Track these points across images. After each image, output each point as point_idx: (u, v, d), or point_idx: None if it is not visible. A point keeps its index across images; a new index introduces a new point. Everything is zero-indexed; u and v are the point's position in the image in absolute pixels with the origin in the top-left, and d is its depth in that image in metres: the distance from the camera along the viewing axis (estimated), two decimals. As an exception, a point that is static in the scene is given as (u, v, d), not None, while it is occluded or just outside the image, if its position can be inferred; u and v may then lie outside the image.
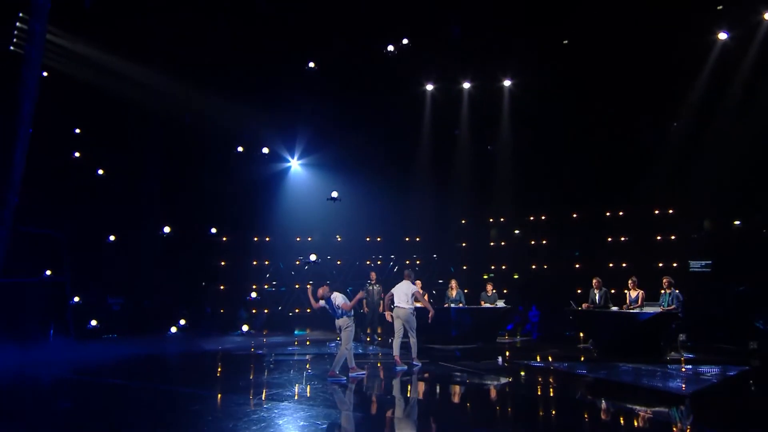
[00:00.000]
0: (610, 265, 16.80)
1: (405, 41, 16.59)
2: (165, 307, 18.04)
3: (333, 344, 13.40)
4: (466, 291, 15.81)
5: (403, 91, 19.14)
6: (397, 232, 21.18)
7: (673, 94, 15.82)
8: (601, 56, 15.31)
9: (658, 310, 11.22)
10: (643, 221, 16.87)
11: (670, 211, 16.56)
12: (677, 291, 11.58)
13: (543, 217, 19.26)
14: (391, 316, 10.37)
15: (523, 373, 10.27)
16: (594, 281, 12.88)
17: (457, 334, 13.61)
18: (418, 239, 21.42)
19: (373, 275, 15.40)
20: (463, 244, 20.89)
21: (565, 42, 15.86)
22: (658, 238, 16.55)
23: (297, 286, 20.72)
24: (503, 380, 9.72)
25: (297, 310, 20.61)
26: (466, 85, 18.86)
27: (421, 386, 9.19)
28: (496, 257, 19.83)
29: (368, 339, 14.88)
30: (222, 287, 20.09)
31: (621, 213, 17.43)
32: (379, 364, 11.27)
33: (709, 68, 14.92)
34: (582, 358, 11.71)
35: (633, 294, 12.07)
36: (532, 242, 19.16)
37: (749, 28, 14.23)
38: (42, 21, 11.86)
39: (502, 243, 20.06)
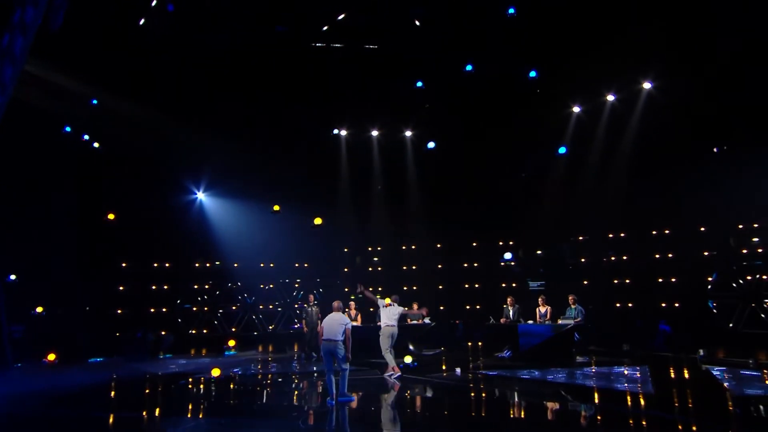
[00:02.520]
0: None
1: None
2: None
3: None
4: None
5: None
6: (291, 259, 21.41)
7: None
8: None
9: (571, 322, 12.31)
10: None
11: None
12: (580, 306, 12.78)
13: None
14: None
15: (482, 381, 10.55)
16: (508, 299, 14.04)
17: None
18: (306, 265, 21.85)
19: (311, 297, 15.41)
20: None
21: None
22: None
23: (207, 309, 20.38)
24: (473, 387, 10.03)
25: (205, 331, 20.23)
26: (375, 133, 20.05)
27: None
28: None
29: (313, 357, 14.39)
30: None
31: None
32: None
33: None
34: (517, 364, 11.91)
35: (542, 309, 13.29)
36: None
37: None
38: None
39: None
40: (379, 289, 20.25)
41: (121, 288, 19.29)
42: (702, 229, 18.36)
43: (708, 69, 14.66)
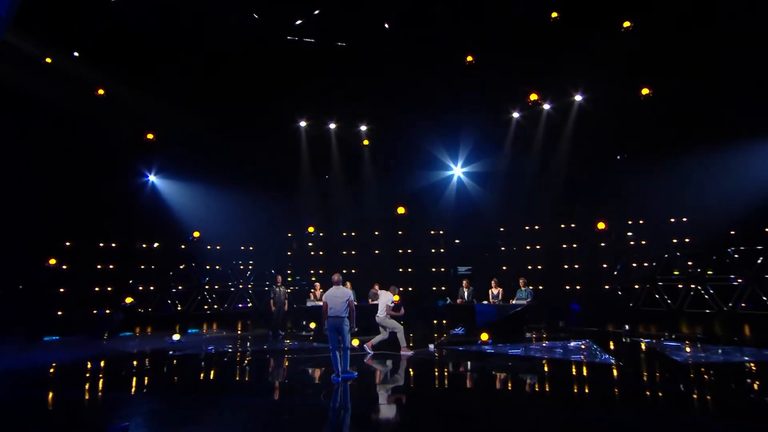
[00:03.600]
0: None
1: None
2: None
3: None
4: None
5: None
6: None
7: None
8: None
9: (524, 302, 13.07)
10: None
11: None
12: (530, 288, 13.65)
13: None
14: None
15: (459, 355, 10.66)
16: (464, 282, 14.53)
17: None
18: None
19: (279, 278, 15.21)
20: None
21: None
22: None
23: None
24: (456, 361, 10.14)
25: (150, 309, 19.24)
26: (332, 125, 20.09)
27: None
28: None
29: (280, 335, 14.30)
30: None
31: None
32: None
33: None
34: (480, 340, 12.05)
35: (495, 291, 13.92)
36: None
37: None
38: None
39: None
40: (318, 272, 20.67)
41: (64, 267, 17.89)
42: (602, 225, 20.89)
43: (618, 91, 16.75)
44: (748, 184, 14.96)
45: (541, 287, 18.65)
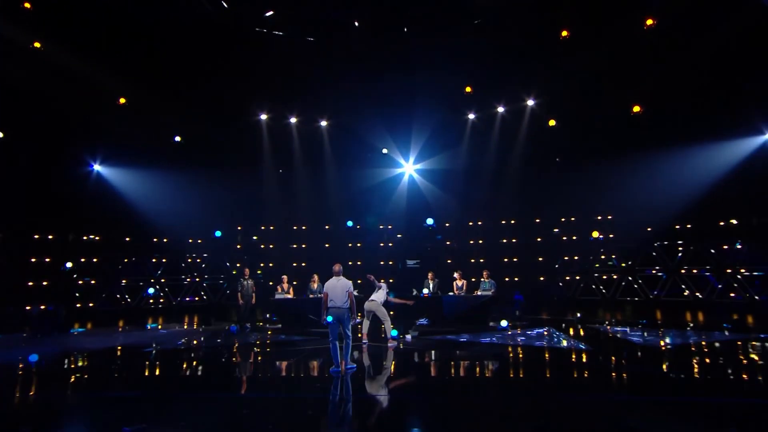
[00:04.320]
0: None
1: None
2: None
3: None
4: (295, 282, 16.46)
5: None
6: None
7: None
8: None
9: (489, 294, 13.38)
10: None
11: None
12: (492, 280, 14.00)
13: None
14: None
15: (439, 344, 10.67)
16: (429, 274, 14.58)
17: (318, 320, 13.94)
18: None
19: (246, 271, 14.55)
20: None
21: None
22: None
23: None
24: (439, 349, 10.11)
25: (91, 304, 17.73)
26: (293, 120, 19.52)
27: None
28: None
29: (246, 328, 13.66)
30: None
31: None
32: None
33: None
34: (447, 329, 12.32)
35: (459, 283, 14.07)
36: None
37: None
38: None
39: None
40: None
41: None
42: (537, 220, 22.12)
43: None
44: (672, 187, 16.46)
45: (466, 281, 19.33)
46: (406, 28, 15.50)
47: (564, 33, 15.48)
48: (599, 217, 20.51)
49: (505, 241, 22.33)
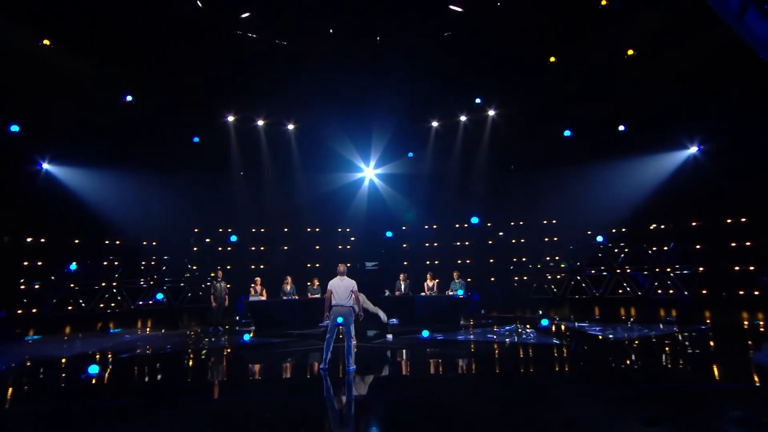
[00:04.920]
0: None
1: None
2: None
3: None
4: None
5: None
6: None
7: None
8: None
9: (461, 293, 13.57)
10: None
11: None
12: (462, 281, 14.18)
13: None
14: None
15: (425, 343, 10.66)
16: (401, 275, 14.66)
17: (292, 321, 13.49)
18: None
19: (219, 273, 13.97)
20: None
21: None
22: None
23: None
24: (424, 348, 10.12)
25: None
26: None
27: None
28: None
29: (219, 331, 13.05)
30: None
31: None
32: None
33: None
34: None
35: (430, 283, 14.27)
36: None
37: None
38: None
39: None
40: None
41: None
42: (489, 224, 22.85)
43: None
44: (612, 195, 17.62)
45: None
46: (379, 37, 15.54)
47: (552, 59, 16.16)
48: (545, 222, 21.51)
49: (458, 243, 22.87)
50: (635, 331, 11.87)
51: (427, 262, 21.95)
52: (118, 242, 18.68)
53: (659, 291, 17.90)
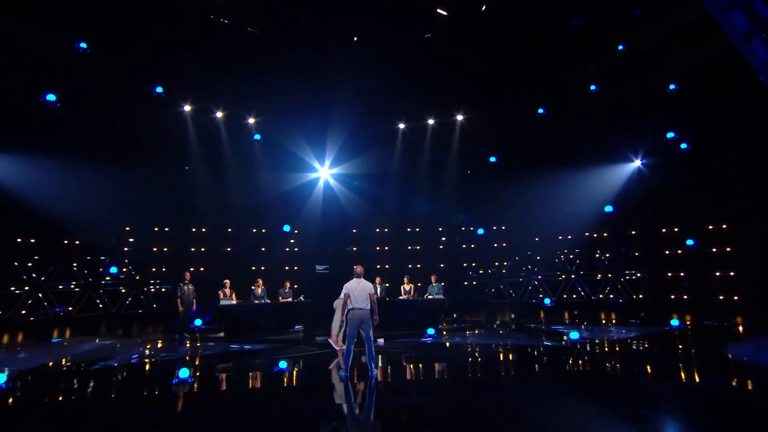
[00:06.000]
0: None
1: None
2: None
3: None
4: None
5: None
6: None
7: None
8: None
9: (440, 297, 14.03)
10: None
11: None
12: (441, 283, 14.68)
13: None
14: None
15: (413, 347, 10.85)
16: (377, 279, 14.70)
17: (264, 326, 13.47)
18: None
19: (187, 274, 13.19)
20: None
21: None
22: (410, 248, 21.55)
23: None
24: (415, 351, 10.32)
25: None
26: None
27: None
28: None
29: (185, 338, 12.47)
30: None
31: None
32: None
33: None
34: (405, 332, 12.60)
35: (407, 287, 14.65)
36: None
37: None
38: None
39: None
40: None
41: None
42: (440, 228, 23.76)
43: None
44: (574, 202, 19.16)
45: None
46: (356, 37, 15.68)
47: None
48: (495, 227, 22.77)
49: (409, 247, 23.49)
50: (605, 333, 12.97)
51: (378, 266, 22.31)
52: (33, 240, 16.96)
53: (601, 296, 19.53)
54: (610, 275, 19.24)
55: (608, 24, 15.99)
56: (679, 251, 18.77)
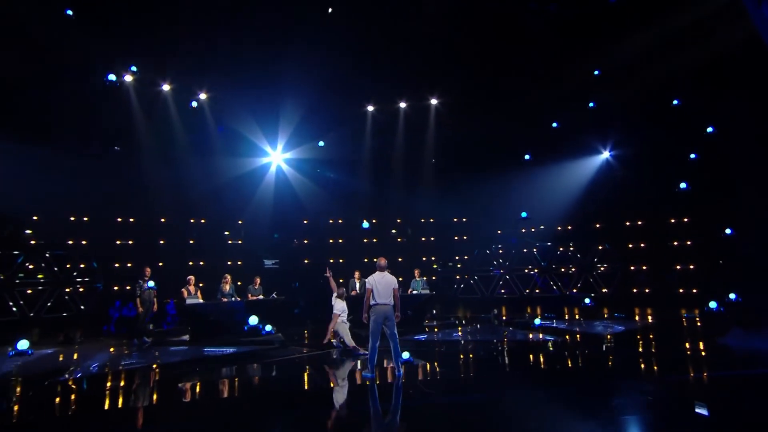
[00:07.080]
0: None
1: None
2: None
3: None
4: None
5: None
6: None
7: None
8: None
9: (426, 293, 13.67)
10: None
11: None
12: (425, 278, 14.29)
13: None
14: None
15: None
16: (356, 273, 14.29)
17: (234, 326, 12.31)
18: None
19: (147, 270, 11.69)
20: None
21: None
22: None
23: None
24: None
25: None
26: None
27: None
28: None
29: (145, 342, 11.24)
30: None
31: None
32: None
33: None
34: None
35: None
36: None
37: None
38: None
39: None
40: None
41: None
42: (399, 220, 23.45)
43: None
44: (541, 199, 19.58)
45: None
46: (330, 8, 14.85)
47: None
48: (455, 219, 22.83)
49: (366, 240, 22.89)
50: (598, 327, 13.27)
51: (331, 261, 21.54)
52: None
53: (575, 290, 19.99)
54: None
55: (587, 15, 16.32)
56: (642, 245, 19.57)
